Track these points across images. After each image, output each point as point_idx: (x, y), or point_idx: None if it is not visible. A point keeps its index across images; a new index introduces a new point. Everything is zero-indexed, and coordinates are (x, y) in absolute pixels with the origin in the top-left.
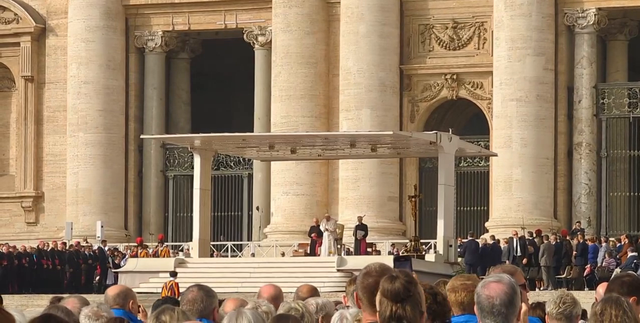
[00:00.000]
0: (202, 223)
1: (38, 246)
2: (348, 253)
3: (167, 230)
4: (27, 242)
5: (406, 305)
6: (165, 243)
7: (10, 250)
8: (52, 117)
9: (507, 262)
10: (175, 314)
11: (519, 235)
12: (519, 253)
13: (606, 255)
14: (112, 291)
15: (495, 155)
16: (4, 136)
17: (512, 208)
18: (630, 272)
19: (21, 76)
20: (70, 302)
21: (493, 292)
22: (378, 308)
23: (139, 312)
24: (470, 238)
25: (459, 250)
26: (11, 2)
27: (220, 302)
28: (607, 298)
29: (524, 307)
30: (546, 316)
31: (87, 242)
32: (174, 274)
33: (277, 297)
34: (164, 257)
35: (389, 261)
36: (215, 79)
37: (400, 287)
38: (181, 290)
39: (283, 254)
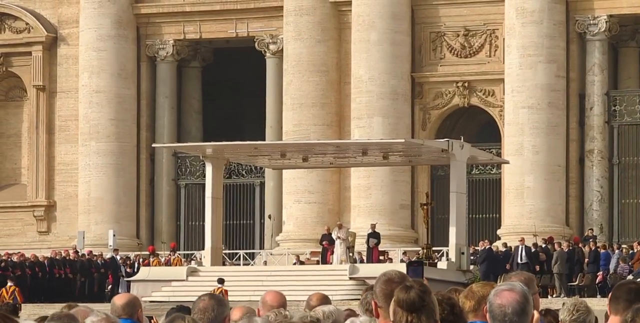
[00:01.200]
0: (214, 232)
1: (50, 255)
2: (360, 261)
3: (179, 238)
4: (39, 251)
5: (421, 315)
6: (178, 252)
7: (22, 259)
8: (64, 126)
9: (507, 267)
10: None
11: (524, 243)
12: (524, 260)
13: (620, 262)
14: (120, 300)
15: (507, 162)
16: (16, 145)
17: (524, 215)
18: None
19: (33, 85)
20: (81, 311)
21: (505, 300)
22: (392, 318)
23: None
24: (489, 246)
25: (472, 257)
26: (23, 12)
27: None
28: (638, 307)
29: (536, 315)
30: None
31: (76, 251)
32: (221, 281)
33: (281, 305)
34: (176, 265)
35: (401, 269)
36: (227, 88)
37: (415, 296)
38: (230, 298)
39: (301, 262)
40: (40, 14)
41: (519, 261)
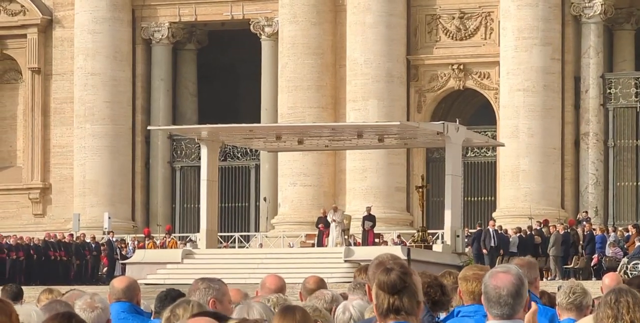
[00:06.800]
0: (210, 215)
1: (45, 238)
2: (355, 244)
3: (174, 221)
4: (34, 233)
5: (403, 297)
6: (173, 235)
7: (18, 241)
8: (59, 108)
9: (484, 251)
10: (190, 307)
11: (494, 226)
12: (495, 244)
13: (610, 247)
14: (120, 284)
15: (503, 145)
16: (11, 128)
17: (520, 198)
18: None
19: (28, 68)
20: (74, 295)
21: (500, 282)
22: (375, 301)
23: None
24: (479, 228)
25: (466, 240)
26: None
27: None
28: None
29: (533, 306)
30: (557, 307)
31: (71, 234)
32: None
33: (280, 288)
34: (171, 248)
35: (395, 251)
36: (222, 70)
37: (396, 278)
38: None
39: (291, 245)
40: None
41: (492, 244)
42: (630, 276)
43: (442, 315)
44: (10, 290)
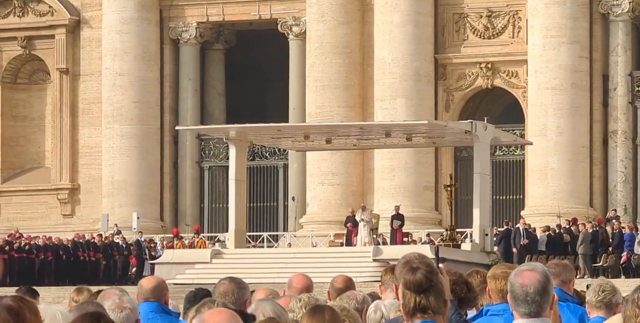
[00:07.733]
0: (238, 214)
1: (74, 238)
2: (383, 243)
3: (203, 221)
4: (63, 234)
5: (429, 296)
6: (201, 234)
7: (47, 242)
8: (87, 109)
9: (514, 250)
10: (215, 306)
11: (524, 224)
12: (525, 242)
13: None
14: (148, 284)
15: (531, 143)
16: (40, 128)
17: (548, 196)
18: None
19: (56, 68)
20: (111, 293)
21: (527, 280)
22: (401, 301)
23: None
24: (507, 227)
25: (494, 238)
26: None
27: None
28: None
29: (555, 296)
30: (586, 305)
31: (100, 234)
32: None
33: (307, 287)
34: (200, 248)
35: (424, 250)
36: (250, 70)
37: (422, 277)
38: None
39: (314, 245)
40: None
41: (521, 243)
42: None
43: (472, 313)
44: (22, 291)
